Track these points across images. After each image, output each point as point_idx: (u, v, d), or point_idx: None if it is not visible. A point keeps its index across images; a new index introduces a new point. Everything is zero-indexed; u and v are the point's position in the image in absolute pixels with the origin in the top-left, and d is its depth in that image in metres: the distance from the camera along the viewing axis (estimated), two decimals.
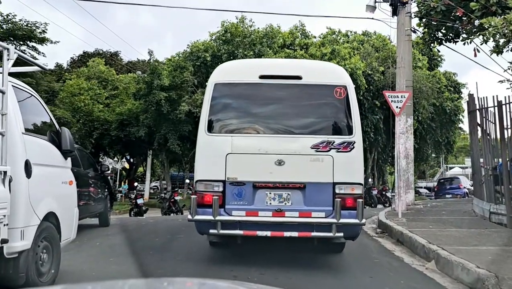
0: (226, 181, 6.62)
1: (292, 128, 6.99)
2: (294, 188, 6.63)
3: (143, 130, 28.54)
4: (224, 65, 8.04)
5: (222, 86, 7.05)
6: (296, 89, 7.05)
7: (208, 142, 6.91)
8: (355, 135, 6.78)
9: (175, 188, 53.89)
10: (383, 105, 32.39)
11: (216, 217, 6.39)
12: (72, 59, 45.96)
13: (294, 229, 6.55)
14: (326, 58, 28.46)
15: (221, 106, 7.08)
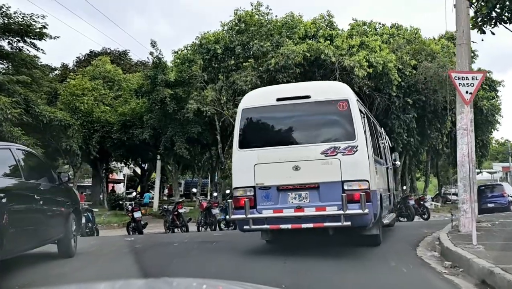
0: (256, 186, 8.11)
1: (305, 138, 8.42)
2: (310, 188, 7.97)
3: (147, 132, 25.55)
4: (249, 94, 9.60)
5: (248, 110, 8.61)
6: (306, 106, 8.44)
7: (240, 157, 8.49)
8: (357, 140, 7.99)
9: (187, 195, 51.04)
10: (416, 103, 29.09)
11: (247, 216, 7.96)
12: (78, 59, 43.50)
13: (310, 221, 7.84)
14: (354, 50, 25.20)
15: (248, 126, 8.64)
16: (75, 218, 8.63)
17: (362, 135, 8.10)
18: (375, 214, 8.43)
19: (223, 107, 23.00)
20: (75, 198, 8.97)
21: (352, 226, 7.83)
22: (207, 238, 11.76)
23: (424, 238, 11.07)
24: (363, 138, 8.11)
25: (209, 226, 17.92)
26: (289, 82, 23.40)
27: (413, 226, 14.06)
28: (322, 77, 24.99)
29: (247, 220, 8.05)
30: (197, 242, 10.56)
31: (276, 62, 22.70)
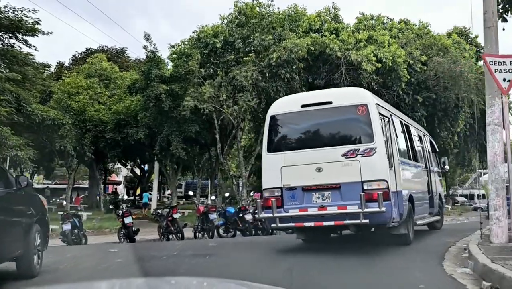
0: (283, 187, 8.75)
1: (327, 141, 8.99)
2: (332, 188, 8.54)
3: (142, 131, 24.13)
4: (276, 101, 10.12)
5: (275, 116, 9.35)
6: (328, 111, 9.02)
7: (268, 160, 9.21)
8: (376, 142, 8.43)
9: (187, 197, 49.58)
10: (425, 100, 27.64)
11: (274, 215, 8.63)
12: (74, 57, 42.18)
13: (332, 219, 8.46)
14: (361, 44, 23.78)
15: (276, 132, 9.38)
16: (39, 230, 7.23)
17: (381, 137, 8.49)
18: (401, 214, 8.81)
19: (222, 104, 21.57)
20: (39, 207, 7.54)
21: (371, 223, 8.38)
22: (201, 249, 10.37)
23: (448, 248, 9.68)
24: (382, 140, 8.50)
25: (206, 232, 16.55)
26: (292, 77, 22.09)
27: (430, 233, 12.61)
28: (327, 73, 23.64)
29: (274, 218, 8.68)
30: (188, 256, 9.16)
31: (278, 56, 21.29)
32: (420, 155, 11.76)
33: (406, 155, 10.39)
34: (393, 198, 8.42)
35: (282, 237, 16.47)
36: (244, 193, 23.60)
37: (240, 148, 24.79)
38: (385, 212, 8.12)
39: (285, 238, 15.75)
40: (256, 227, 16.81)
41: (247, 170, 24.45)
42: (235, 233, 17.18)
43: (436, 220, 12.79)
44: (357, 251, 8.99)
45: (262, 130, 26.23)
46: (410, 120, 12.85)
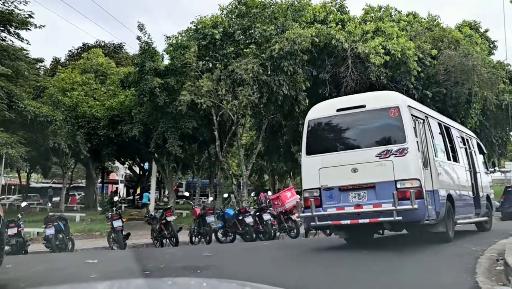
0: (321, 188, 9.23)
1: (361, 143, 9.34)
2: (367, 187, 8.90)
3: (137, 128, 22.77)
4: (314, 107, 10.50)
5: (313, 121, 9.89)
6: (362, 115, 9.40)
7: (307, 162, 9.68)
8: (408, 142, 8.75)
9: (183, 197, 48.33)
10: (435, 96, 26.27)
11: (313, 213, 9.09)
12: (70, 52, 40.97)
13: (367, 217, 8.75)
14: (368, 36, 22.46)
15: (313, 135, 9.86)
16: None
17: (413, 138, 8.79)
18: (438, 212, 9.09)
19: (221, 99, 20.24)
20: None
21: (404, 220, 8.56)
22: (193, 259, 9.05)
23: (477, 259, 8.37)
24: (414, 140, 8.80)
25: (203, 236, 15.29)
26: (296, 70, 20.78)
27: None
28: (332, 66, 22.31)
29: (313, 217, 9.14)
30: (177, 268, 7.82)
31: (280, 47, 19.97)
32: (462, 156, 11.86)
33: (445, 155, 10.67)
34: (428, 197, 8.75)
35: (286, 242, 15.25)
36: (245, 193, 22.30)
37: (241, 146, 23.44)
38: (417, 210, 8.40)
39: (288, 243, 14.55)
40: (257, 230, 15.58)
41: (248, 168, 23.13)
42: (234, 237, 15.94)
43: (484, 221, 12.86)
44: (380, 261, 8.15)
45: (264, 127, 25.28)
46: (452, 122, 13.09)
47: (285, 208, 15.81)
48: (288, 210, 15.84)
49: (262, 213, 15.46)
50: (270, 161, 36.23)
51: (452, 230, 10.02)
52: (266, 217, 15.29)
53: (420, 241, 9.78)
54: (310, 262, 8.57)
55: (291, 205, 15.90)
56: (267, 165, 37.84)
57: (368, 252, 9.12)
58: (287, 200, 15.87)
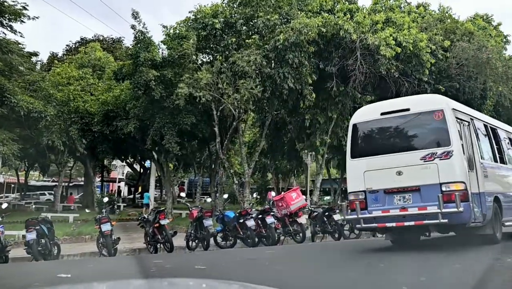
0: (366, 190, 9.28)
1: (406, 146, 9.37)
2: (412, 190, 8.93)
3: (132, 123, 21.43)
4: (358, 111, 10.71)
5: (357, 125, 9.94)
6: (406, 118, 9.45)
7: (352, 165, 9.78)
8: (452, 145, 8.74)
9: (190, 194, 47.06)
10: (448, 90, 24.90)
11: (359, 216, 9.19)
12: (68, 47, 39.73)
13: (412, 219, 8.81)
14: (378, 26, 21.12)
15: (358, 139, 9.96)
16: None
17: (458, 141, 8.83)
18: (484, 215, 9.05)
19: (222, 92, 18.91)
20: None
21: (450, 223, 8.61)
22: (182, 273, 7.77)
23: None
24: (459, 143, 8.84)
25: (201, 241, 14.02)
26: (301, 62, 19.46)
27: (483, 249, 9.91)
28: (340, 58, 20.94)
29: (358, 219, 9.23)
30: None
31: (285, 38, 18.64)
32: (509, 158, 11.69)
33: (492, 157, 10.61)
34: (473, 199, 8.76)
35: (291, 247, 14.00)
36: (247, 193, 21.00)
37: (243, 143, 22.10)
38: (463, 213, 8.40)
39: (293, 249, 13.31)
40: (259, 234, 14.30)
41: (250, 167, 21.81)
42: (235, 242, 14.68)
43: None
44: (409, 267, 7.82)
45: (267, 123, 23.99)
46: (499, 123, 12.91)
47: (290, 210, 14.54)
48: (294, 212, 14.58)
49: (265, 216, 14.18)
50: (274, 159, 35.02)
51: (500, 232, 9.90)
52: (270, 220, 14.02)
53: (467, 243, 9.64)
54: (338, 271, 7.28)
55: (297, 207, 14.65)
56: (270, 163, 36.64)
57: (415, 253, 9.23)
58: (292, 202, 14.59)
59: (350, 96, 21.62)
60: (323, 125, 22.00)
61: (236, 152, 32.67)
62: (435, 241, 11.29)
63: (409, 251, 9.58)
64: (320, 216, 15.38)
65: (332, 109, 22.11)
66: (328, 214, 15.22)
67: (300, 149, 24.79)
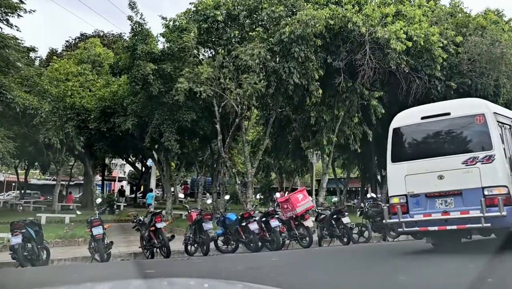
0: (407, 194, 9.31)
1: (447, 150, 9.39)
2: (454, 194, 8.90)
3: (130, 120, 20.44)
4: (398, 115, 10.43)
5: (397, 129, 9.99)
6: (447, 122, 9.47)
7: (393, 169, 9.83)
8: (494, 149, 8.70)
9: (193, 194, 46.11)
10: (459, 87, 23.92)
11: (400, 220, 9.23)
12: (67, 42, 38.88)
13: (454, 223, 8.81)
14: (388, 19, 20.13)
15: (398, 143, 9.99)
16: None
17: (500, 144, 8.79)
18: None
19: (224, 87, 17.93)
20: None
21: (493, 227, 8.69)
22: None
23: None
24: (501, 147, 8.79)
25: (200, 246, 13.07)
26: (308, 57, 18.50)
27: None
28: (348, 52, 19.95)
29: (400, 223, 9.30)
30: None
31: (291, 30, 17.68)
32: None
33: None
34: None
35: (297, 253, 13.07)
36: (250, 193, 20.04)
37: (246, 142, 21.10)
38: (506, 217, 8.36)
39: (300, 254, 12.39)
40: (263, 238, 13.36)
41: (254, 166, 20.83)
42: (237, 246, 13.72)
43: None
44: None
45: (271, 121, 23.04)
46: None
47: (296, 213, 13.58)
48: (300, 215, 13.62)
49: (269, 219, 13.23)
50: (278, 158, 34.12)
51: None
52: (274, 224, 13.07)
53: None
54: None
55: (303, 209, 13.69)
56: (274, 162, 35.74)
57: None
58: (298, 204, 13.63)
59: (358, 93, 20.64)
60: (329, 123, 21.03)
61: (239, 151, 31.74)
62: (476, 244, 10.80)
63: (445, 254, 9.42)
64: (328, 219, 14.44)
65: (339, 106, 21.15)
66: (336, 216, 14.28)
67: (306, 148, 23.80)
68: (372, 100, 20.62)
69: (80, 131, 24.05)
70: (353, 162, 37.03)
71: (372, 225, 15.73)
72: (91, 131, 23.77)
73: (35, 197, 47.24)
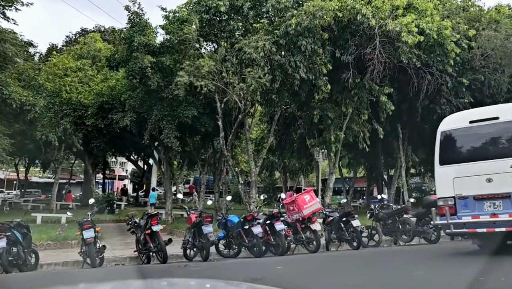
0: (455, 196, 9.45)
1: (495, 154, 9.46)
2: (503, 197, 9.04)
3: (129, 116, 19.51)
4: (446, 119, 10.93)
5: (445, 132, 10.18)
6: (495, 126, 9.59)
7: (441, 172, 10.02)
8: None
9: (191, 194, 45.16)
10: (472, 84, 22.95)
11: (448, 221, 9.45)
12: (67, 38, 38.05)
13: (503, 226, 8.90)
14: (399, 12, 19.17)
15: (446, 146, 10.12)
16: None
17: None
18: None
19: (226, 82, 17.01)
20: None
21: None
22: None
23: None
24: None
25: (200, 250, 12.18)
26: (315, 50, 17.57)
27: None
28: (356, 46, 19.01)
29: (448, 225, 9.57)
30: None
31: (298, 22, 16.76)
32: None
33: None
34: None
35: (306, 258, 12.20)
36: (254, 194, 19.12)
37: (249, 140, 20.15)
38: None
39: (308, 260, 11.50)
40: (267, 242, 12.48)
41: (257, 165, 19.89)
42: (239, 251, 12.85)
43: None
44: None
45: (276, 118, 22.12)
46: None
47: (302, 215, 12.68)
48: (307, 218, 12.72)
49: (274, 222, 12.33)
50: (282, 157, 33.23)
51: None
52: (279, 227, 12.17)
53: None
54: None
55: (310, 212, 12.78)
56: (278, 161, 34.84)
57: None
58: (305, 205, 12.74)
59: (367, 89, 19.71)
60: (336, 120, 20.10)
61: (242, 149, 30.82)
62: None
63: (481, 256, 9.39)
64: (336, 221, 13.54)
65: (347, 103, 20.22)
66: (345, 219, 13.38)
67: (311, 146, 22.90)
68: (381, 96, 19.69)
69: (77, 127, 23.15)
70: (359, 161, 36.13)
71: (382, 228, 14.88)
72: (88, 128, 22.85)
73: (36, 196, 46.55)
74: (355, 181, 39.09)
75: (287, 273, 8.93)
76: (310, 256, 12.40)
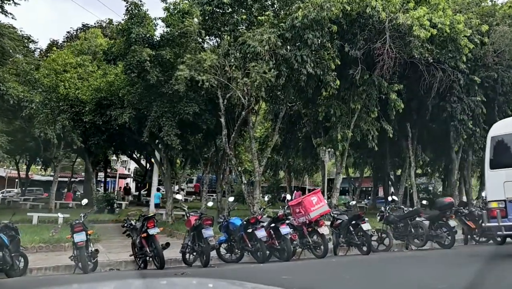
0: (506, 200, 9.84)
1: None
2: None
3: (128, 113, 18.70)
4: (496, 124, 11.46)
5: (495, 138, 10.62)
6: None
7: (491, 176, 10.40)
8: None
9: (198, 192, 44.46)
10: (484, 81, 22.13)
11: (500, 224, 9.76)
12: (68, 33, 37.33)
13: None
14: (410, 5, 18.32)
15: (497, 151, 10.53)
16: None
17: None
18: None
19: (229, 77, 16.22)
20: None
21: None
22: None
23: None
24: None
25: (199, 255, 11.39)
26: (322, 44, 16.77)
27: None
28: (365, 41, 18.18)
29: (499, 227, 9.85)
30: None
31: (304, 14, 15.95)
32: None
33: None
34: None
35: (315, 264, 11.41)
36: (257, 194, 18.32)
37: (253, 138, 19.34)
38: None
39: (317, 267, 10.71)
40: (271, 247, 11.68)
41: (261, 164, 19.10)
42: (241, 255, 12.08)
43: None
44: None
45: (281, 115, 21.32)
46: None
47: (309, 218, 11.88)
48: (314, 221, 11.93)
49: (279, 225, 11.54)
50: (287, 156, 32.46)
51: None
52: (285, 231, 11.38)
53: None
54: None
55: (318, 214, 11.97)
56: (283, 160, 34.06)
57: None
58: (312, 208, 11.94)
59: (376, 85, 18.88)
60: (343, 118, 19.29)
61: (246, 148, 30.03)
62: None
63: None
64: (345, 225, 12.75)
65: (355, 99, 19.40)
66: (355, 222, 12.58)
67: (317, 145, 22.10)
68: (391, 93, 18.88)
69: (74, 124, 22.39)
70: (365, 161, 35.36)
71: (393, 232, 14.07)
72: (85, 125, 22.07)
73: (38, 194, 45.92)
74: (361, 181, 38.33)
75: (294, 281, 8.14)
76: (317, 261, 11.61)
